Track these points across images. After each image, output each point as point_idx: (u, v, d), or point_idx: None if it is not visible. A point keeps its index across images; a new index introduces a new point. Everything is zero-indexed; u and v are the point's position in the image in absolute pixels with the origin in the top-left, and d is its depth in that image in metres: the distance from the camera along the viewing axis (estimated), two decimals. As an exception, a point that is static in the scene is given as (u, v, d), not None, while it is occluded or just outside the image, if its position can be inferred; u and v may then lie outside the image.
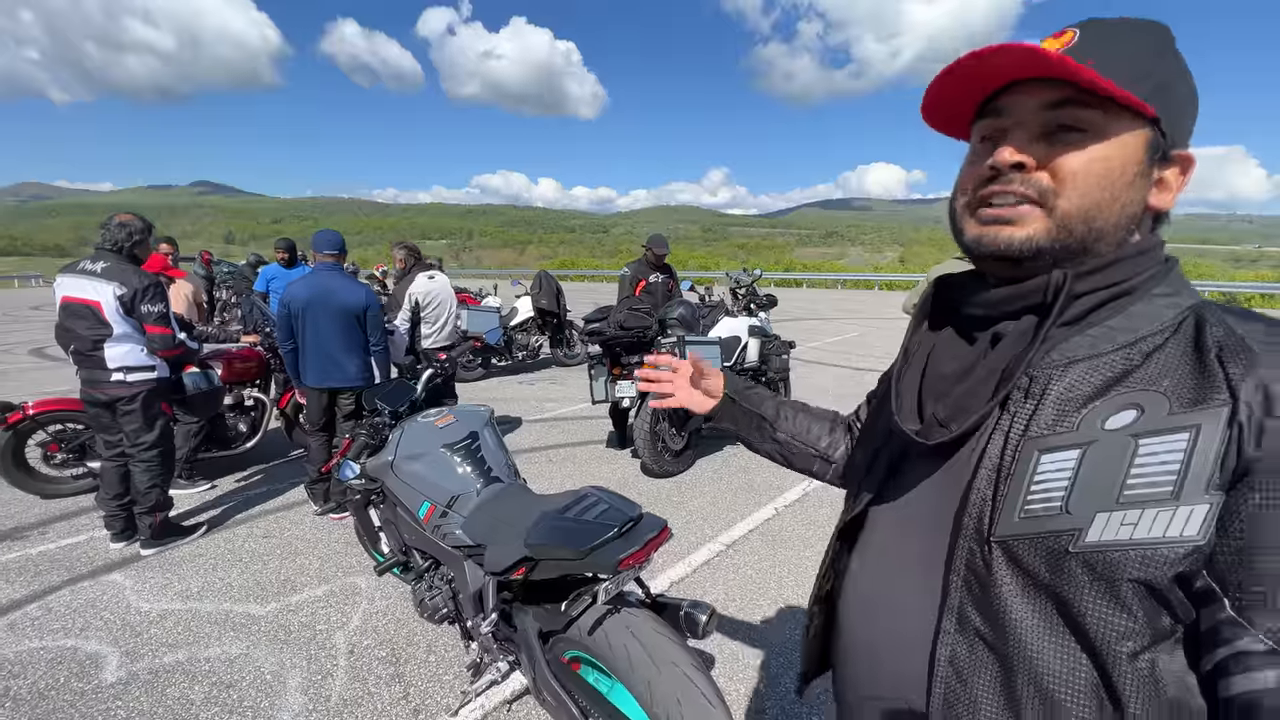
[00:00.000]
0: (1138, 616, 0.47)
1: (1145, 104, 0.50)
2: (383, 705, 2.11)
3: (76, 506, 3.73)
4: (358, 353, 3.52)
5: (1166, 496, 0.45)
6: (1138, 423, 0.48)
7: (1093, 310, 0.55)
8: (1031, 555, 0.51)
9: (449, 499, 2.00)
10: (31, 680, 2.22)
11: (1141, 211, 0.55)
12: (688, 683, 1.40)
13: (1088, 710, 0.50)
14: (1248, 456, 0.44)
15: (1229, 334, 0.49)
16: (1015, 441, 0.53)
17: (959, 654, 0.55)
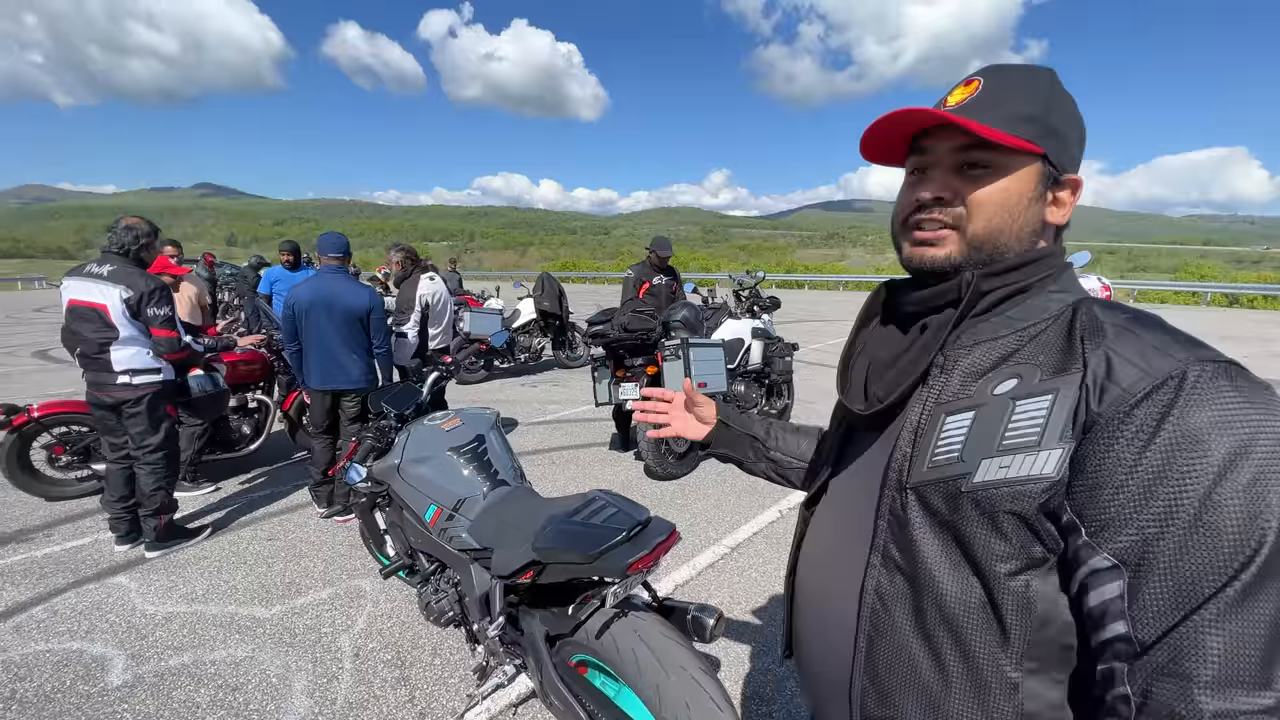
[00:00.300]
0: (1013, 543, 0.58)
1: (1033, 144, 0.63)
2: (388, 708, 2.11)
3: (81, 509, 3.74)
4: (361, 355, 3.52)
5: (1032, 444, 0.57)
6: (1016, 388, 0.60)
7: (998, 303, 0.66)
8: (936, 497, 0.62)
9: (455, 502, 2.00)
10: (38, 683, 2.22)
11: (1040, 226, 0.67)
12: (696, 687, 1.40)
13: (977, 623, 0.60)
14: (1093, 412, 0.54)
15: (1093, 320, 0.60)
16: (930, 408, 0.66)
17: (882, 584, 0.67)
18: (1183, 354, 0.54)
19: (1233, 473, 0.49)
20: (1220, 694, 0.48)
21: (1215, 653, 0.48)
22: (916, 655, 0.64)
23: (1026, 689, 0.59)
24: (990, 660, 0.60)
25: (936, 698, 0.63)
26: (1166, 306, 19.27)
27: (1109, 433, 0.53)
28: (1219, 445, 0.49)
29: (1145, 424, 0.52)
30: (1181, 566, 0.49)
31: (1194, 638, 0.48)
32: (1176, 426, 0.51)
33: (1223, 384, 0.52)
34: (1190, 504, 0.49)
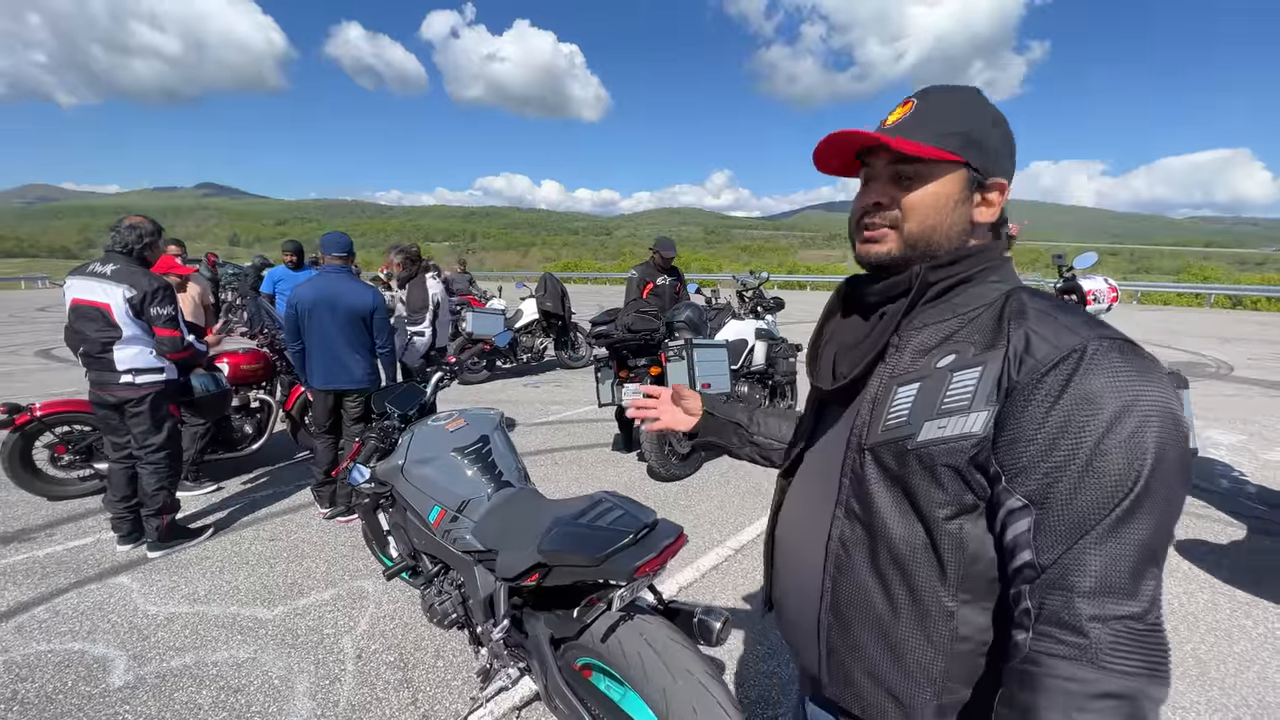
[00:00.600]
0: (949, 492, 0.68)
1: (953, 155, 0.73)
2: (391, 710, 2.10)
3: (83, 508, 3.73)
4: (364, 355, 3.51)
5: (964, 407, 0.67)
6: (954, 362, 0.71)
7: (945, 292, 0.76)
8: (888, 455, 0.73)
9: (459, 503, 1.99)
10: (39, 683, 2.21)
11: (969, 224, 0.77)
12: (703, 691, 1.38)
13: (920, 562, 0.71)
14: (1013, 380, 0.65)
15: (1019, 305, 0.70)
16: (885, 380, 0.77)
17: (844, 533, 0.78)
18: (1086, 332, 0.64)
19: (1117, 427, 0.59)
20: (1095, 601, 0.59)
21: (1094, 569, 0.59)
22: (871, 591, 0.75)
23: (960, 616, 0.70)
24: (931, 593, 0.71)
25: (887, 626, 0.74)
26: (1170, 308, 19.20)
27: (1024, 396, 0.64)
28: (1109, 405, 0.60)
29: (1052, 388, 0.62)
30: (1074, 503, 0.60)
31: (1079, 558, 0.59)
32: (1076, 390, 0.61)
33: (1115, 356, 0.62)
34: (1084, 452, 0.60)
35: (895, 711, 0.74)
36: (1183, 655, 2.37)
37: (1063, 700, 0.58)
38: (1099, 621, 0.58)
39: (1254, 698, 2.15)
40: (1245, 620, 2.61)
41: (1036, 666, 0.61)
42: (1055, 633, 0.60)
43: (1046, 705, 0.59)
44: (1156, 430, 0.59)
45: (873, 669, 0.76)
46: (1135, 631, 0.58)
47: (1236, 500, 3.88)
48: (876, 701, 0.76)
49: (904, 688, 0.73)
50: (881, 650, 0.75)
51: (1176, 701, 2.13)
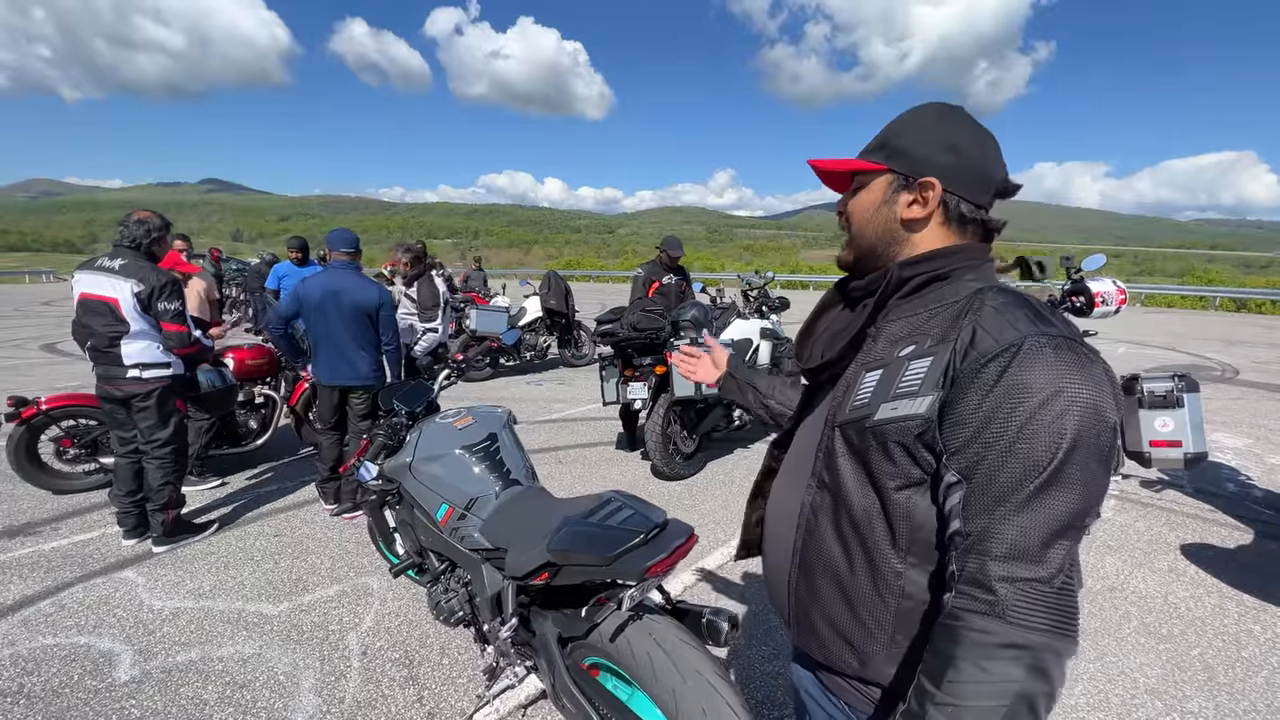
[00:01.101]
0: (899, 466, 0.76)
1: (873, 164, 0.86)
2: (397, 708, 2.10)
3: (88, 502, 3.74)
4: (370, 351, 3.51)
5: (914, 392, 0.75)
6: (912, 351, 0.78)
7: (920, 287, 0.83)
8: (852, 432, 0.81)
9: (467, 501, 1.98)
10: (45, 677, 2.21)
11: (897, 222, 0.85)
12: (713, 692, 1.37)
13: (874, 527, 0.79)
14: (957, 369, 0.72)
15: (980, 302, 0.76)
16: (857, 367, 0.85)
17: (815, 499, 0.87)
18: (1027, 329, 0.70)
19: (1040, 413, 0.66)
20: (1005, 565, 0.66)
21: (1007, 537, 0.66)
22: (833, 551, 0.84)
23: (907, 577, 0.78)
24: (882, 555, 0.79)
25: (845, 582, 0.83)
26: (1174, 311, 19.15)
27: (964, 384, 0.70)
28: (1036, 394, 0.66)
29: (989, 378, 0.69)
30: (997, 478, 0.67)
31: (995, 527, 0.67)
32: (1009, 380, 0.68)
33: (1047, 351, 0.68)
34: (1010, 434, 0.67)
35: (851, 656, 0.84)
36: (1190, 660, 2.36)
37: (975, 650, 0.66)
38: (1007, 582, 0.66)
39: (1262, 702, 2.14)
40: (1253, 625, 2.59)
41: (955, 621, 0.68)
42: (970, 591, 0.68)
43: (962, 654, 0.67)
44: (1076, 417, 0.65)
45: (831, 618, 0.85)
46: (1041, 593, 0.65)
47: (1243, 504, 3.87)
48: (835, 648, 0.85)
49: (858, 636, 0.82)
50: (839, 602, 0.84)
51: (1183, 707, 2.12)
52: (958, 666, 0.67)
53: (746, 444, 5.07)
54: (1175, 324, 14.70)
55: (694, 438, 4.39)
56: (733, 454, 4.84)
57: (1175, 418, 2.44)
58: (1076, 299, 3.58)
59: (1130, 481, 4.22)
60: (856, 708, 0.86)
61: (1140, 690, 2.20)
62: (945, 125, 0.84)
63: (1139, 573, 3.00)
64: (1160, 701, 2.15)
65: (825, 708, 0.93)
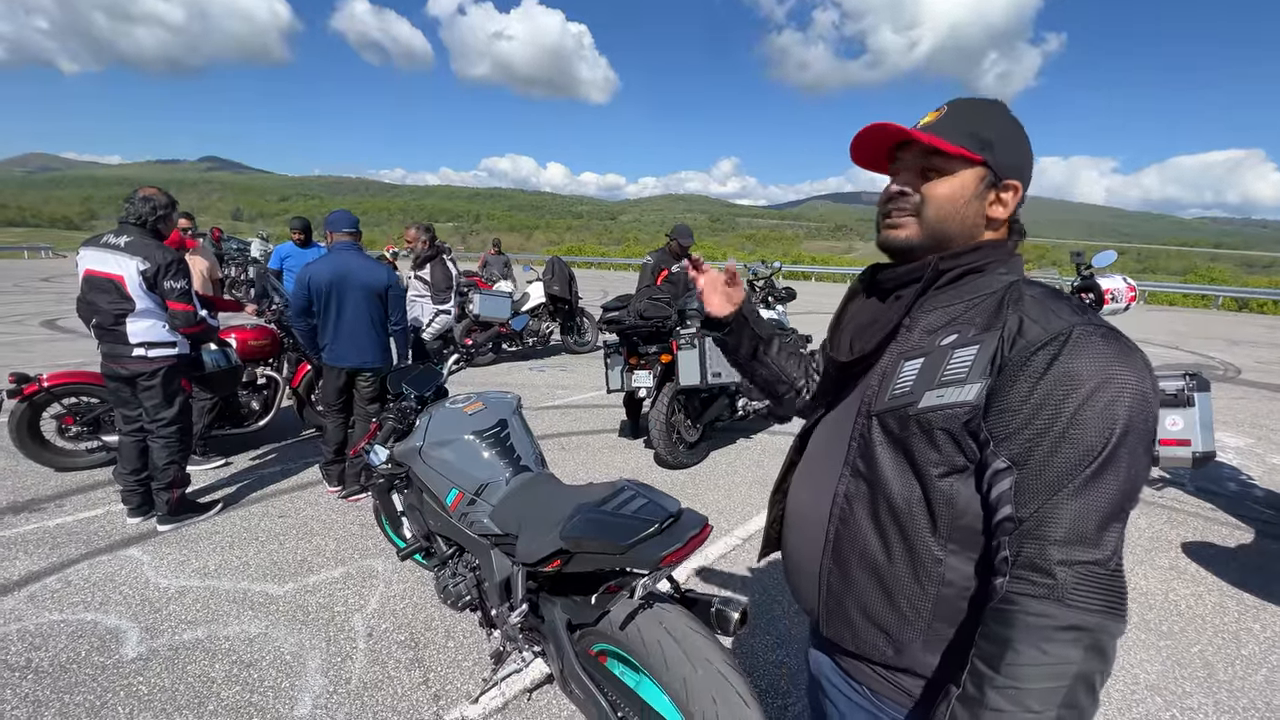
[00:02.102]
0: (943, 453, 0.77)
1: (973, 154, 0.82)
2: (403, 689, 2.11)
3: (93, 480, 3.74)
4: (379, 333, 3.51)
5: (961, 379, 0.76)
6: (955, 340, 0.79)
7: (955, 280, 0.85)
8: (892, 420, 0.82)
9: (477, 487, 1.98)
10: (53, 653, 2.22)
11: (983, 219, 0.85)
12: (723, 681, 1.38)
13: (915, 515, 0.80)
14: (1005, 357, 0.73)
15: (1019, 293, 0.78)
16: (895, 356, 0.86)
17: (849, 489, 0.87)
18: (1072, 318, 0.72)
19: (1092, 401, 0.67)
20: (1064, 549, 0.67)
21: (1065, 521, 0.67)
22: (869, 540, 0.84)
23: (948, 563, 0.78)
24: (923, 542, 0.79)
25: (883, 571, 0.83)
26: (1175, 309, 19.12)
27: (1014, 372, 0.72)
28: (1087, 381, 0.68)
29: (1039, 366, 0.70)
30: (1051, 464, 0.69)
31: (1052, 512, 0.68)
32: (1059, 368, 0.69)
33: (1096, 340, 0.70)
34: (1062, 421, 0.68)
35: (886, 645, 0.83)
36: (1190, 657, 2.38)
37: (1034, 633, 0.67)
38: (1066, 566, 0.67)
39: (1261, 700, 2.16)
40: (1253, 623, 2.61)
41: (1011, 605, 0.69)
42: (1028, 575, 0.69)
43: (1020, 638, 0.68)
44: (1127, 405, 0.67)
45: (866, 607, 0.85)
46: (1097, 575, 0.67)
47: (1244, 504, 3.88)
48: (869, 637, 0.85)
49: (895, 624, 0.82)
50: (876, 591, 0.84)
51: (1183, 703, 2.14)
52: (1017, 650, 0.68)
53: (750, 434, 5.07)
54: (1177, 323, 14.68)
55: (698, 427, 4.39)
56: (736, 444, 4.85)
57: (1185, 416, 2.44)
58: (1086, 296, 3.57)
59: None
60: (880, 693, 0.87)
61: (1140, 686, 2.22)
62: (1021, 130, 0.87)
63: (1140, 569, 3.01)
64: (1160, 697, 2.16)
65: (846, 693, 0.93)
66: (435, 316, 4.16)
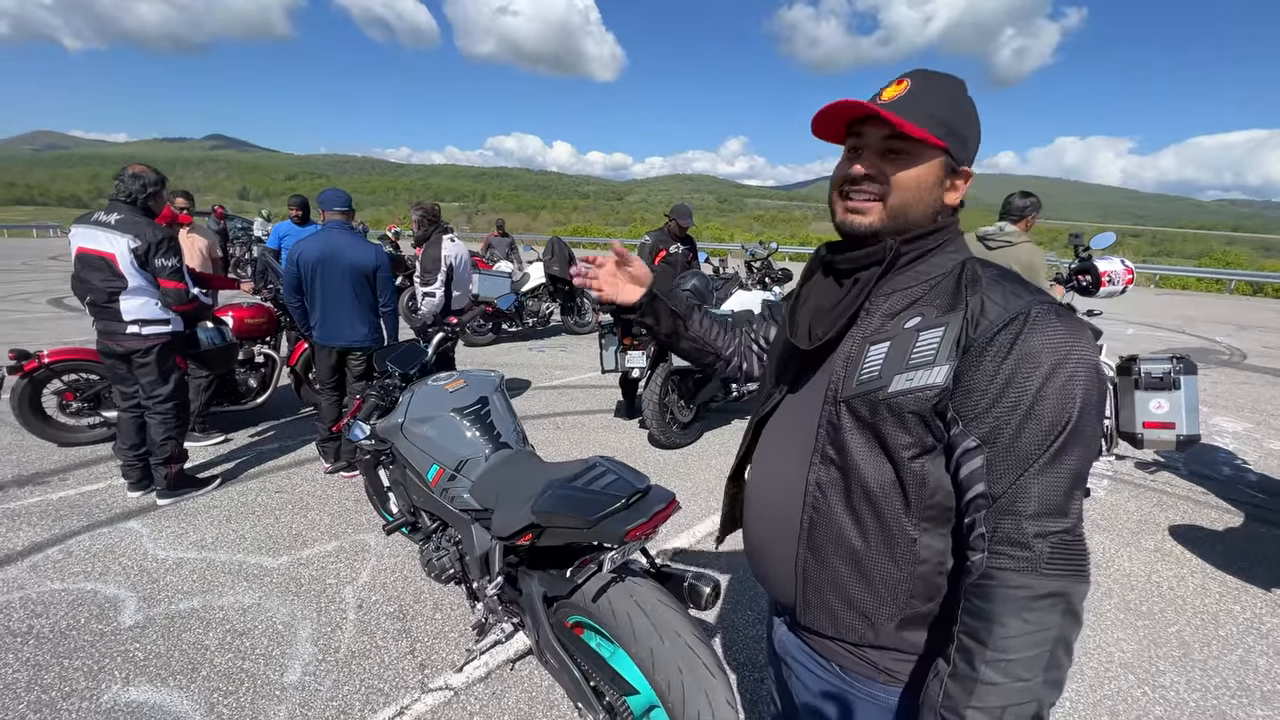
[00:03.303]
0: (914, 435, 0.78)
1: (940, 141, 0.81)
2: (390, 658, 2.17)
3: (95, 455, 3.81)
4: (368, 313, 3.52)
5: (929, 362, 0.77)
6: (920, 323, 0.80)
7: (911, 262, 0.86)
8: (861, 405, 0.82)
9: (457, 463, 2.01)
10: (53, 620, 2.30)
11: (941, 205, 0.86)
12: (689, 652, 1.41)
13: (888, 496, 0.81)
14: (970, 338, 0.75)
15: (974, 274, 0.80)
16: (858, 341, 0.86)
17: (821, 476, 0.87)
18: (1029, 298, 0.75)
19: (1052, 378, 0.71)
20: (1038, 522, 0.71)
21: (1036, 495, 0.71)
22: (844, 525, 0.85)
23: (922, 542, 0.81)
24: (897, 523, 0.81)
25: (860, 555, 0.84)
26: (1188, 293, 18.86)
27: (978, 352, 0.74)
28: (1046, 360, 0.71)
29: (1002, 346, 0.73)
30: (1019, 442, 0.72)
31: (1023, 487, 0.71)
32: (1021, 348, 0.72)
33: (1052, 319, 0.73)
34: (1026, 400, 0.71)
35: (865, 627, 0.85)
36: (1167, 637, 2.41)
37: (1016, 604, 0.70)
38: (1041, 537, 0.70)
39: (1234, 679, 2.18)
40: (1234, 605, 2.63)
41: (991, 580, 0.72)
42: (1006, 550, 0.72)
43: (1003, 610, 0.71)
44: (1082, 381, 0.71)
45: (845, 593, 0.86)
46: (1066, 542, 0.71)
47: (1236, 488, 3.87)
48: (848, 621, 0.86)
49: (872, 605, 0.84)
50: (854, 576, 0.85)
51: (1156, 680, 2.17)
52: (1003, 623, 0.71)
53: (744, 414, 5.09)
54: (1188, 306, 14.50)
55: (691, 407, 4.41)
56: (729, 424, 4.87)
57: (1171, 400, 2.43)
58: (1083, 278, 3.53)
59: (1125, 463, 4.23)
60: (849, 669, 0.89)
61: (1114, 664, 2.25)
62: (977, 115, 0.86)
63: (1125, 551, 3.03)
64: (1133, 675, 2.19)
65: (814, 670, 0.94)
66: (422, 299, 4.16)
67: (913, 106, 0.80)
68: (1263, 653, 2.33)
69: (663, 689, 1.40)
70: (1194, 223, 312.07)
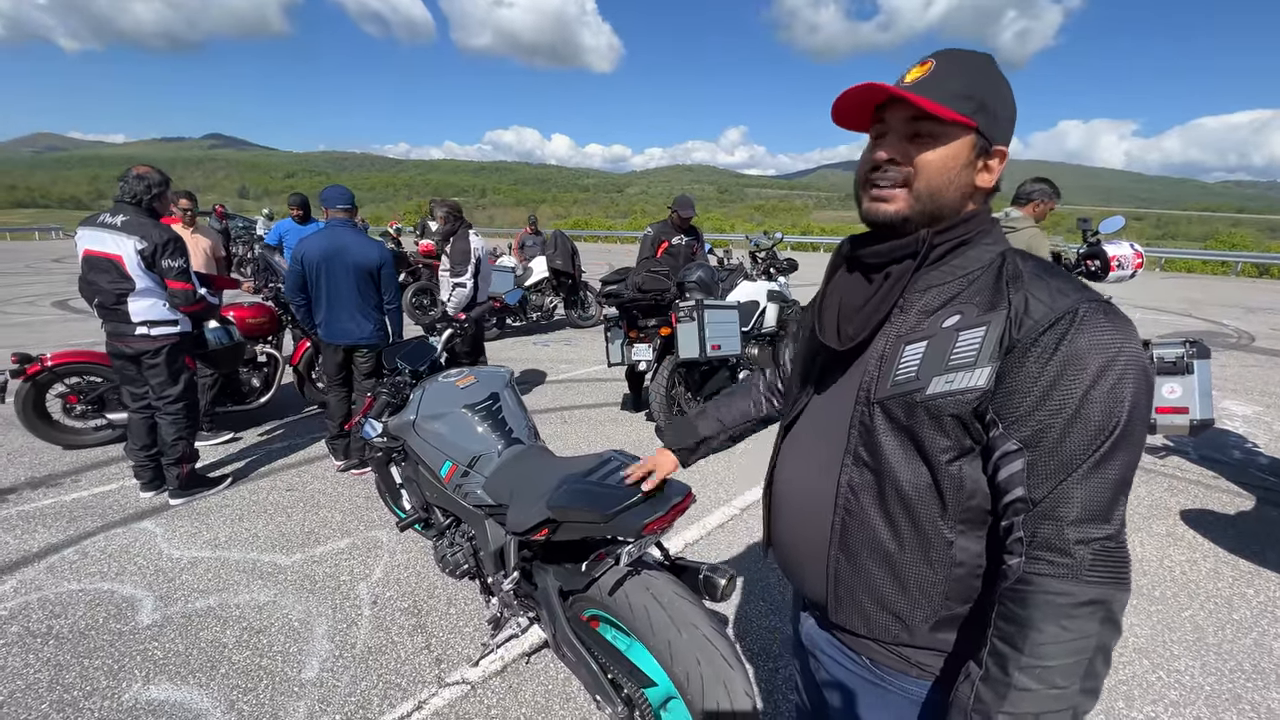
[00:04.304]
0: (952, 438, 0.76)
1: (968, 119, 0.77)
2: (406, 654, 2.19)
3: (107, 456, 3.84)
4: (372, 310, 3.53)
5: (970, 363, 0.74)
6: (959, 322, 0.77)
7: (945, 254, 0.82)
8: (896, 407, 0.79)
9: (470, 459, 2.01)
10: (72, 620, 2.32)
11: (971, 189, 0.81)
12: (708, 644, 1.42)
13: (924, 499, 0.79)
14: (1013, 338, 0.72)
15: (1015, 269, 0.77)
16: (892, 339, 0.82)
17: (853, 478, 0.84)
18: (1075, 295, 0.72)
19: (1101, 380, 0.68)
20: (1080, 528, 0.68)
21: (1079, 501, 0.68)
22: (878, 528, 0.83)
23: (958, 545, 0.79)
24: (933, 525, 0.79)
25: (894, 558, 0.82)
26: (1194, 276, 18.73)
27: (1022, 353, 0.71)
28: (1093, 362, 0.68)
29: (1047, 347, 0.70)
30: (1063, 446, 0.69)
31: (1066, 493, 0.69)
32: (1067, 348, 0.69)
33: (1100, 318, 0.70)
34: (1072, 403, 0.68)
35: (899, 628, 0.84)
36: (1180, 621, 2.41)
37: (1055, 611, 0.68)
38: (1083, 544, 0.68)
39: (1249, 663, 2.18)
40: (1247, 589, 2.63)
41: (1029, 586, 0.70)
42: (1046, 556, 0.69)
43: (1041, 617, 0.69)
44: (1132, 383, 0.68)
45: (879, 595, 0.84)
46: (1108, 549, 0.69)
47: (1247, 471, 3.86)
48: (881, 621, 0.85)
49: (907, 608, 0.82)
50: (888, 578, 0.83)
51: (1170, 665, 2.17)
52: (1040, 629, 0.69)
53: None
54: (1194, 290, 14.41)
55: (698, 399, 4.40)
56: (737, 416, 4.87)
57: (1184, 384, 2.41)
58: (1091, 263, 3.50)
59: (1135, 447, 4.22)
60: (882, 663, 0.88)
61: (1129, 649, 2.25)
62: (1009, 89, 0.82)
63: (1136, 537, 3.03)
64: (1148, 660, 2.20)
65: (845, 664, 0.93)
66: (453, 290, 4.25)
67: (937, 86, 0.77)
68: (1277, 636, 2.32)
69: (681, 681, 1.41)
70: (1199, 205, 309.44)
